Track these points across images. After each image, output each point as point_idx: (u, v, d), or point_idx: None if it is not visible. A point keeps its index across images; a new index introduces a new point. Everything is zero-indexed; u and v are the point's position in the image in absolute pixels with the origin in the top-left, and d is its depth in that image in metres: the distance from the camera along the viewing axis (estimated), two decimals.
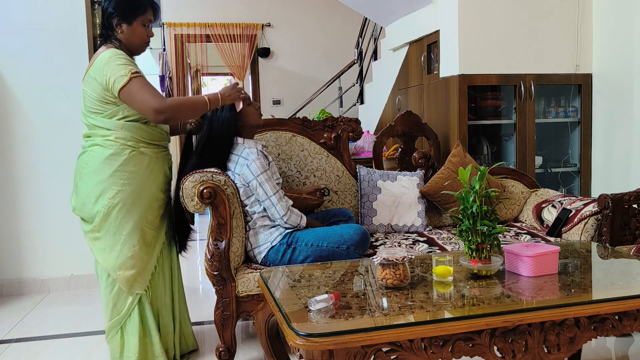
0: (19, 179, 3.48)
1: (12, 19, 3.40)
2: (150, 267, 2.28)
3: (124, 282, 2.22)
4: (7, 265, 3.51)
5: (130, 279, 2.22)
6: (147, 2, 2.24)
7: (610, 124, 3.52)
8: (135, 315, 2.25)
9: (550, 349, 1.60)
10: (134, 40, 2.24)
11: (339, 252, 2.29)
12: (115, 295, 2.25)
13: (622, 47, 3.38)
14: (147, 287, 2.27)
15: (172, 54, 6.98)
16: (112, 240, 2.21)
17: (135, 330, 2.25)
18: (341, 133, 2.98)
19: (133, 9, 2.20)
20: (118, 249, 2.21)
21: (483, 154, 3.77)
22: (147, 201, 2.25)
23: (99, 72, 2.13)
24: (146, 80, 2.16)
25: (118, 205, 2.19)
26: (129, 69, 2.11)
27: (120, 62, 2.12)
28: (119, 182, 2.18)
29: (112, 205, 2.18)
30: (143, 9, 2.22)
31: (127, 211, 2.20)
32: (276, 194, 2.31)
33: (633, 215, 2.52)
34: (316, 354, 1.42)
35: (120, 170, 2.18)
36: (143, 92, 2.10)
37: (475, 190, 1.78)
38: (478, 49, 3.45)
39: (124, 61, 2.13)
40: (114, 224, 2.20)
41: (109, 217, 2.19)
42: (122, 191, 2.19)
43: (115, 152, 2.18)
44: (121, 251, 2.21)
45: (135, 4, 2.21)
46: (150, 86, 2.15)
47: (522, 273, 1.81)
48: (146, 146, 2.25)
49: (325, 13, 7.28)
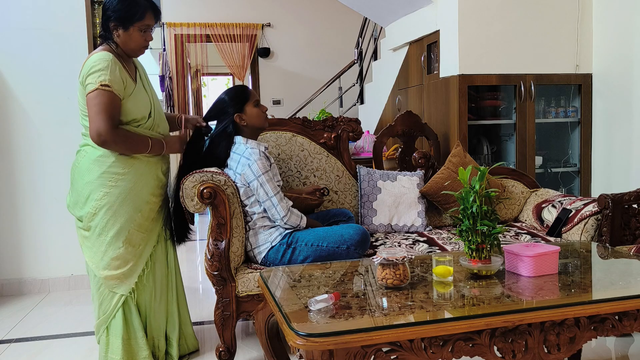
0: (19, 179, 3.48)
1: (12, 19, 3.40)
2: (137, 269, 2.27)
3: (107, 282, 2.24)
4: (7, 265, 3.51)
5: (114, 280, 2.23)
6: (145, 8, 2.19)
7: (610, 124, 3.52)
8: (119, 317, 2.25)
9: (550, 349, 1.60)
10: (130, 45, 2.23)
11: (339, 252, 2.29)
12: (101, 295, 2.26)
13: (622, 47, 3.38)
14: (132, 289, 2.27)
15: (172, 54, 6.98)
16: (97, 240, 2.22)
17: (118, 332, 2.25)
18: (341, 133, 2.98)
19: (129, 16, 2.17)
20: (103, 249, 2.22)
21: (483, 154, 3.77)
22: (136, 204, 2.24)
23: (83, 75, 2.14)
24: (112, 97, 2.11)
25: (105, 207, 2.19)
26: (101, 78, 2.09)
27: (97, 69, 2.10)
28: (107, 183, 2.19)
29: (99, 207, 2.19)
30: (140, 16, 2.18)
31: (114, 213, 2.20)
32: (277, 194, 2.31)
33: (633, 215, 2.52)
34: (316, 354, 1.42)
35: (108, 172, 2.19)
36: (98, 108, 2.09)
37: (475, 190, 1.78)
38: (478, 49, 3.45)
39: (102, 69, 2.10)
40: (100, 225, 2.21)
41: (95, 217, 2.21)
42: (109, 193, 2.19)
43: (104, 153, 2.19)
44: (106, 252, 2.22)
45: (132, 10, 2.17)
46: (109, 106, 2.10)
47: (522, 273, 1.81)
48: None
49: (325, 13, 7.28)
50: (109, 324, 2.26)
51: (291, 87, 7.28)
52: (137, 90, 2.24)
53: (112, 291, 2.25)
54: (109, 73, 2.11)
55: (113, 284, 2.24)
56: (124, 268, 2.23)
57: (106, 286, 2.24)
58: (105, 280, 2.23)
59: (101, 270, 2.23)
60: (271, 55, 7.29)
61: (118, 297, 2.25)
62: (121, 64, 2.20)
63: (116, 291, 2.25)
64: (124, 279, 2.25)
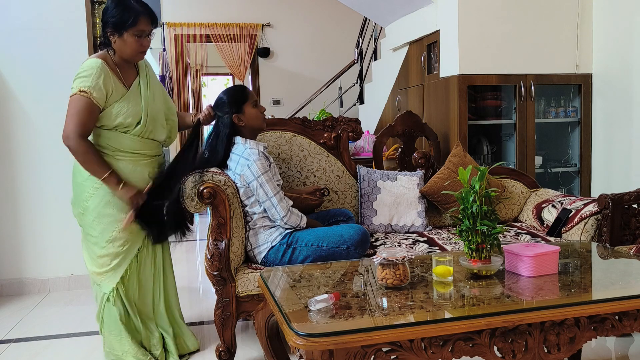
0: (19, 179, 3.47)
1: (12, 19, 3.40)
2: (119, 269, 2.33)
3: (93, 277, 2.35)
4: (7, 265, 3.51)
5: (98, 276, 2.33)
6: (138, 14, 2.19)
7: (610, 124, 3.52)
8: (107, 313, 2.35)
9: (550, 349, 1.60)
10: (125, 51, 2.24)
11: (339, 252, 2.29)
12: (95, 290, 2.38)
13: (622, 47, 3.38)
14: (113, 288, 2.32)
15: (172, 54, 6.98)
16: (85, 238, 2.35)
17: (108, 325, 2.36)
18: (341, 133, 2.98)
19: (122, 22, 2.18)
20: (90, 247, 2.33)
21: (483, 154, 3.77)
22: (121, 206, 2.29)
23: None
24: (89, 104, 2.16)
25: (90, 207, 2.28)
26: (82, 84, 2.15)
27: (82, 75, 2.17)
28: (93, 185, 2.26)
29: (85, 207, 2.29)
30: (133, 22, 2.18)
31: (98, 214, 2.28)
32: (277, 194, 2.31)
33: (633, 215, 2.52)
34: (316, 354, 1.42)
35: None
36: (72, 112, 2.17)
37: (475, 190, 1.78)
38: (478, 49, 3.45)
39: (86, 76, 2.16)
40: (87, 224, 2.32)
41: (83, 217, 2.32)
42: (94, 195, 2.27)
43: None
44: (93, 250, 2.32)
45: (125, 16, 2.18)
46: (83, 113, 2.16)
47: (522, 273, 1.81)
48: (123, 155, 2.29)
49: (325, 13, 7.28)
50: (102, 317, 2.36)
51: (291, 87, 7.28)
52: (128, 96, 2.26)
53: (96, 285, 2.36)
54: (90, 80, 2.16)
55: (98, 279, 2.34)
56: (107, 267, 2.32)
57: (93, 280, 2.36)
58: (91, 275, 2.35)
59: (89, 265, 2.34)
60: (271, 55, 7.29)
61: (102, 294, 2.34)
62: (114, 70, 2.24)
63: (101, 288, 2.34)
64: (107, 277, 2.33)
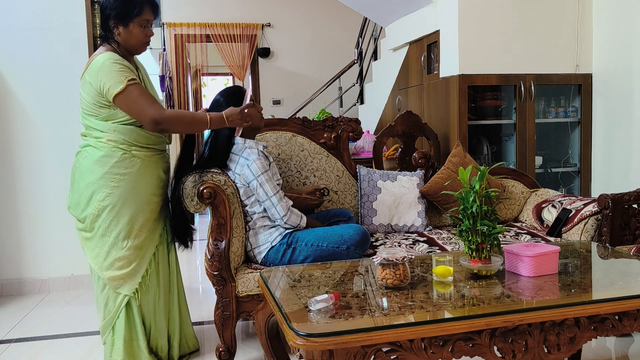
0: (19, 179, 3.48)
1: (12, 19, 3.40)
2: (140, 269, 2.26)
3: (111, 283, 2.23)
4: (7, 265, 3.51)
5: (117, 280, 2.23)
6: (143, 3, 2.20)
7: (610, 124, 3.52)
8: (122, 317, 2.26)
9: (550, 349, 1.60)
10: (131, 42, 2.22)
11: (339, 252, 2.29)
12: (106, 295, 2.26)
13: (622, 47, 3.38)
14: (135, 290, 2.26)
15: (172, 54, 6.98)
16: (100, 241, 2.22)
17: (121, 333, 2.26)
18: (341, 133, 2.98)
19: (128, 12, 2.17)
20: (106, 250, 2.22)
21: (483, 154, 3.77)
22: (139, 204, 2.24)
23: (93, 76, 2.13)
24: (143, 87, 2.15)
25: (107, 207, 2.19)
26: (124, 75, 2.10)
27: (115, 69, 2.11)
28: (109, 184, 2.18)
29: (101, 208, 2.19)
30: (139, 11, 2.18)
31: (117, 214, 2.20)
32: (276, 194, 2.31)
33: (633, 215, 2.52)
34: (316, 354, 1.42)
35: (111, 173, 2.18)
36: (141, 100, 2.11)
37: (475, 190, 1.78)
38: (478, 49, 3.45)
39: (119, 67, 2.12)
40: (103, 226, 2.21)
41: (98, 218, 2.20)
42: (111, 194, 2.19)
43: (107, 154, 2.18)
44: (109, 253, 2.22)
45: (130, 6, 2.17)
46: (147, 95, 2.14)
47: (522, 273, 1.81)
48: (139, 149, 2.24)
49: (325, 13, 7.28)
50: (114, 324, 2.26)
51: (291, 87, 7.27)
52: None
53: (116, 291, 2.25)
54: (126, 70, 2.13)
55: (117, 284, 2.24)
56: (128, 268, 2.23)
57: (110, 287, 2.24)
58: (109, 281, 2.23)
59: (104, 271, 2.22)
60: (271, 55, 7.29)
61: (122, 297, 2.25)
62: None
63: (120, 291, 2.24)
64: (128, 279, 2.24)
